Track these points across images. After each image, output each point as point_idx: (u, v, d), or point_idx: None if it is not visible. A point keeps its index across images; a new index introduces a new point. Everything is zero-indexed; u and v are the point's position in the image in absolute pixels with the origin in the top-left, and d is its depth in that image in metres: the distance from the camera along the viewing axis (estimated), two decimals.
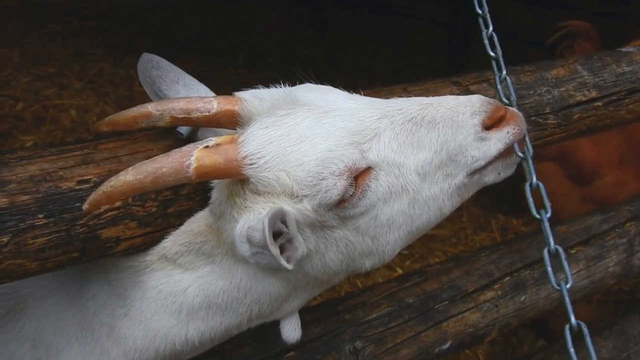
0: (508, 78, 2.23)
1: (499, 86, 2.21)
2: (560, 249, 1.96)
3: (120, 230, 1.80)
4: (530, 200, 1.98)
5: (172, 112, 1.72)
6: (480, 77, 2.48)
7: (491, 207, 5.81)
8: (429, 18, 9.02)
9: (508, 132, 1.83)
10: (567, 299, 1.92)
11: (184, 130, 1.88)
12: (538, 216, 2.01)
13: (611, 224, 3.24)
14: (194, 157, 1.59)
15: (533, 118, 2.47)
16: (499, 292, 2.82)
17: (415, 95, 2.26)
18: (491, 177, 1.91)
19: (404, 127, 1.74)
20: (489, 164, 1.85)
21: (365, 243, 1.78)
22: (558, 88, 2.56)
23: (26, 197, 1.65)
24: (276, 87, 1.81)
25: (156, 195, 1.84)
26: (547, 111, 2.51)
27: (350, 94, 1.82)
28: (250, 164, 1.62)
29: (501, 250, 2.99)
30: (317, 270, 1.81)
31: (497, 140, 1.82)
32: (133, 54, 7.80)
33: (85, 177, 1.73)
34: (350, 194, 1.66)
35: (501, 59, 2.25)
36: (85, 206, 1.60)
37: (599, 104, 2.65)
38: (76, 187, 1.71)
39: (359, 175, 1.67)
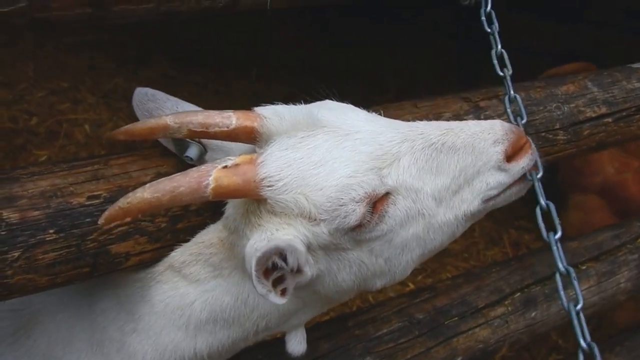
0: (519, 97, 2.21)
1: (508, 110, 2.19)
2: (572, 270, 1.93)
3: (130, 246, 1.81)
4: (541, 222, 1.95)
5: (190, 126, 1.70)
6: (489, 93, 2.48)
7: (503, 222, 5.79)
8: (441, 29, 9.00)
9: (524, 167, 1.84)
10: (576, 321, 1.89)
11: (193, 154, 1.87)
12: (548, 239, 1.97)
13: (622, 239, 3.23)
14: (212, 177, 1.58)
15: (543, 134, 2.47)
16: (509, 308, 2.81)
17: (425, 110, 2.28)
18: (504, 201, 1.91)
19: (424, 152, 1.73)
20: (502, 192, 1.85)
21: (378, 264, 1.78)
22: (568, 104, 2.56)
23: (37, 212, 1.66)
24: (295, 104, 1.80)
25: (166, 211, 1.85)
26: (557, 127, 2.51)
27: (371, 114, 1.80)
28: (269, 186, 1.61)
29: (512, 266, 2.97)
30: (328, 290, 1.81)
31: (515, 172, 1.82)
32: (147, 68, 7.83)
33: (96, 193, 1.74)
34: (368, 219, 1.66)
35: (508, 78, 2.23)
36: (100, 221, 1.61)
37: (609, 120, 2.65)
38: (86, 203, 1.72)
39: (378, 201, 1.67)
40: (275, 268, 1.60)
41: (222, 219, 1.83)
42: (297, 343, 2.06)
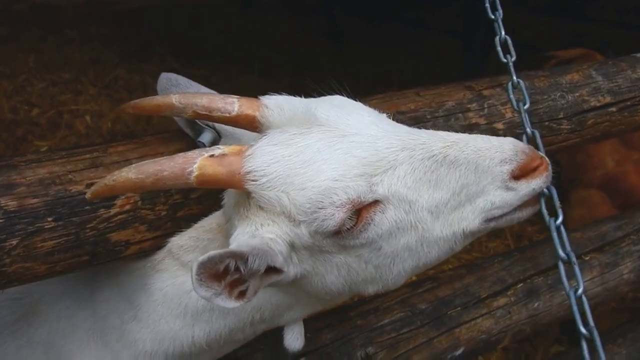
0: (522, 82, 2.18)
1: (511, 95, 2.16)
2: (572, 255, 1.88)
3: (130, 234, 1.80)
4: (544, 208, 1.90)
5: (195, 107, 1.68)
6: (493, 82, 2.46)
7: None
8: (446, 29, 9.02)
9: (534, 189, 1.74)
10: (584, 306, 1.86)
11: (206, 140, 1.86)
12: (552, 224, 1.92)
13: (625, 230, 3.21)
14: (196, 164, 1.56)
15: (547, 123, 2.46)
16: (512, 298, 2.80)
17: (428, 99, 2.26)
18: (506, 223, 1.82)
19: (423, 163, 1.65)
20: (506, 214, 1.76)
21: (368, 271, 1.72)
22: (572, 93, 2.54)
23: (35, 200, 1.65)
24: (301, 97, 1.76)
25: (166, 199, 1.84)
26: (561, 116, 2.49)
27: (377, 116, 1.74)
28: (253, 180, 1.58)
29: (514, 256, 2.96)
30: (317, 290, 1.77)
31: (524, 193, 1.73)
32: (149, 60, 7.85)
33: (95, 181, 1.72)
34: (349, 226, 1.59)
35: (511, 65, 2.20)
36: (87, 195, 1.60)
37: (614, 109, 2.63)
38: (85, 191, 1.70)
39: (363, 208, 1.60)
40: (236, 269, 1.52)
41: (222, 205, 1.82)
42: (294, 338, 2.04)
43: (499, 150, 1.70)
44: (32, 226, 1.63)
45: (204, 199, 1.90)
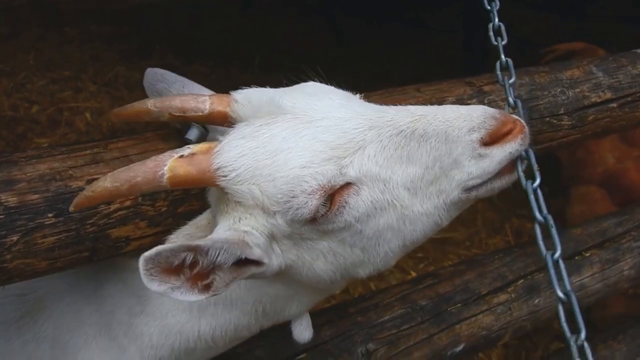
0: (510, 60, 2.16)
1: (499, 72, 2.15)
2: (550, 218, 1.83)
3: (130, 230, 1.80)
4: (521, 172, 1.82)
5: (170, 110, 1.70)
6: (494, 77, 2.45)
7: (506, 211, 5.78)
8: (446, 29, 9.02)
9: (511, 152, 1.70)
10: (553, 270, 1.83)
11: (192, 136, 1.86)
12: (529, 186, 1.84)
13: (626, 227, 3.21)
14: (167, 167, 1.56)
15: (547, 119, 2.45)
16: (512, 295, 2.80)
17: (428, 94, 2.26)
18: (486, 193, 1.78)
19: (392, 139, 1.63)
20: (485, 182, 1.73)
21: (355, 254, 1.72)
22: (573, 89, 2.54)
23: (36, 196, 1.65)
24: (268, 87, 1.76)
25: (167, 195, 1.84)
26: (562, 112, 2.49)
27: (347, 98, 1.73)
28: (223, 176, 1.58)
29: (515, 253, 2.96)
30: (308, 279, 1.76)
31: (499, 159, 1.69)
32: (149, 59, 7.85)
33: (95, 176, 1.72)
34: (323, 212, 1.59)
35: (501, 47, 2.18)
36: (70, 208, 1.61)
37: (614, 105, 2.63)
38: (86, 187, 1.70)
39: (336, 192, 1.59)
40: (195, 263, 1.50)
41: None
42: (302, 330, 2.05)
43: (467, 119, 1.67)
44: (32, 222, 1.63)
45: (204, 194, 1.89)
